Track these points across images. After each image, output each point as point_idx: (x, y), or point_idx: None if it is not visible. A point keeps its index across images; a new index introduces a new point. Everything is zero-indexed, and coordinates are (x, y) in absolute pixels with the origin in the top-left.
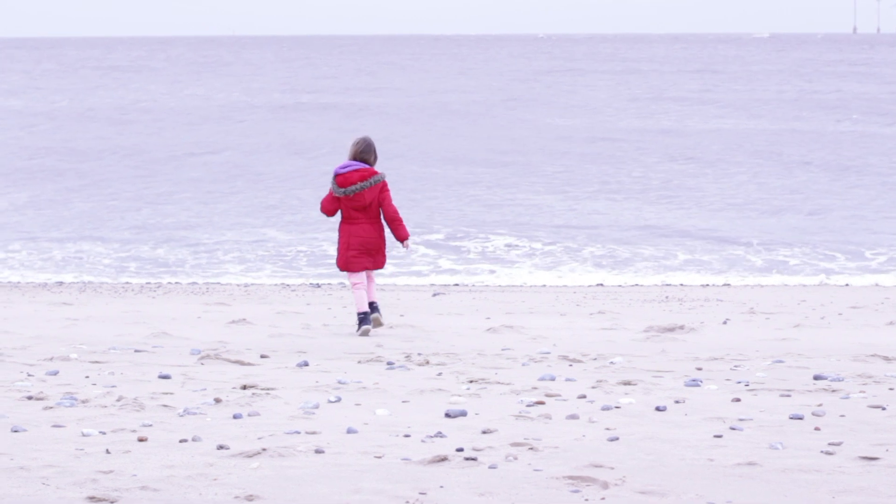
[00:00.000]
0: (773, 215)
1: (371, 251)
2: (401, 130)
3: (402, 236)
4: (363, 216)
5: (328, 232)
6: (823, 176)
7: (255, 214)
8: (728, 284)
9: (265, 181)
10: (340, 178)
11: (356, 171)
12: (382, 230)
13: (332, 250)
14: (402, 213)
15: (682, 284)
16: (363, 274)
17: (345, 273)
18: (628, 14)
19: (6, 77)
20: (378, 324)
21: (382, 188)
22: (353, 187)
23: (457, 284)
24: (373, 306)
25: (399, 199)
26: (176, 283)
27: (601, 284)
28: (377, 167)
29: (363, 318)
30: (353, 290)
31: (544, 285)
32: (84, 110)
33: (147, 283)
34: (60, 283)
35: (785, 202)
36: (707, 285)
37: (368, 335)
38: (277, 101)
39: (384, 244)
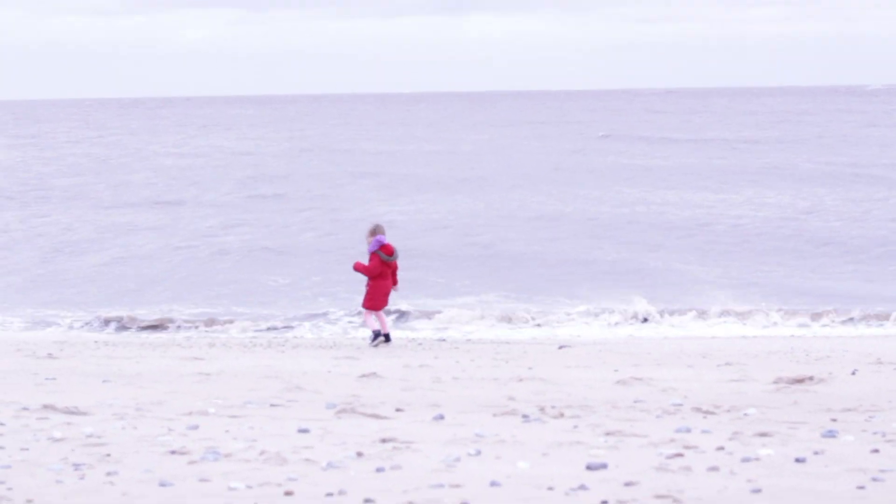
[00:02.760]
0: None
1: (388, 296)
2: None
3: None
4: (391, 275)
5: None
6: None
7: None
8: (853, 336)
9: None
10: (386, 248)
11: (391, 245)
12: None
13: (474, 303)
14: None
15: (804, 336)
16: (377, 311)
17: (365, 309)
18: (724, 67)
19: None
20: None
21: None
22: (395, 255)
23: (579, 336)
24: (387, 336)
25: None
26: (302, 336)
27: (710, 337)
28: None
29: (377, 334)
30: (368, 317)
31: (666, 337)
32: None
33: (275, 338)
34: (189, 339)
35: None
36: (829, 337)
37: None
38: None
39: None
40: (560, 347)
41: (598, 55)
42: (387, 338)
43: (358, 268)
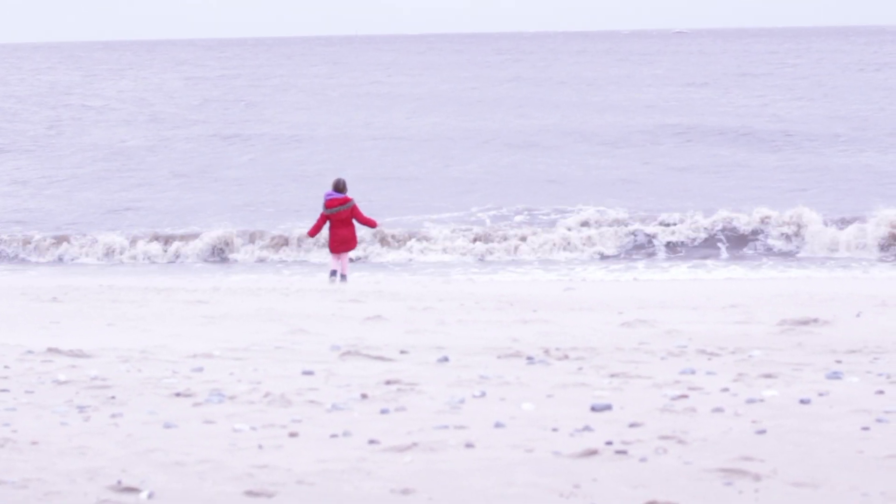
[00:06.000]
0: None
1: (344, 242)
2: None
3: (374, 225)
4: (342, 224)
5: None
6: None
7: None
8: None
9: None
10: (328, 202)
11: (337, 198)
12: (353, 230)
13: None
14: None
15: (809, 277)
16: (337, 255)
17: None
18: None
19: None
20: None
21: (354, 208)
22: (336, 208)
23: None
24: (343, 276)
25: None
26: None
27: (715, 279)
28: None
29: (333, 273)
30: (332, 259)
31: (673, 279)
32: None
33: (279, 283)
34: (192, 282)
35: None
36: (834, 278)
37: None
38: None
39: (354, 238)
40: (566, 289)
41: None
42: (342, 277)
43: (310, 232)
